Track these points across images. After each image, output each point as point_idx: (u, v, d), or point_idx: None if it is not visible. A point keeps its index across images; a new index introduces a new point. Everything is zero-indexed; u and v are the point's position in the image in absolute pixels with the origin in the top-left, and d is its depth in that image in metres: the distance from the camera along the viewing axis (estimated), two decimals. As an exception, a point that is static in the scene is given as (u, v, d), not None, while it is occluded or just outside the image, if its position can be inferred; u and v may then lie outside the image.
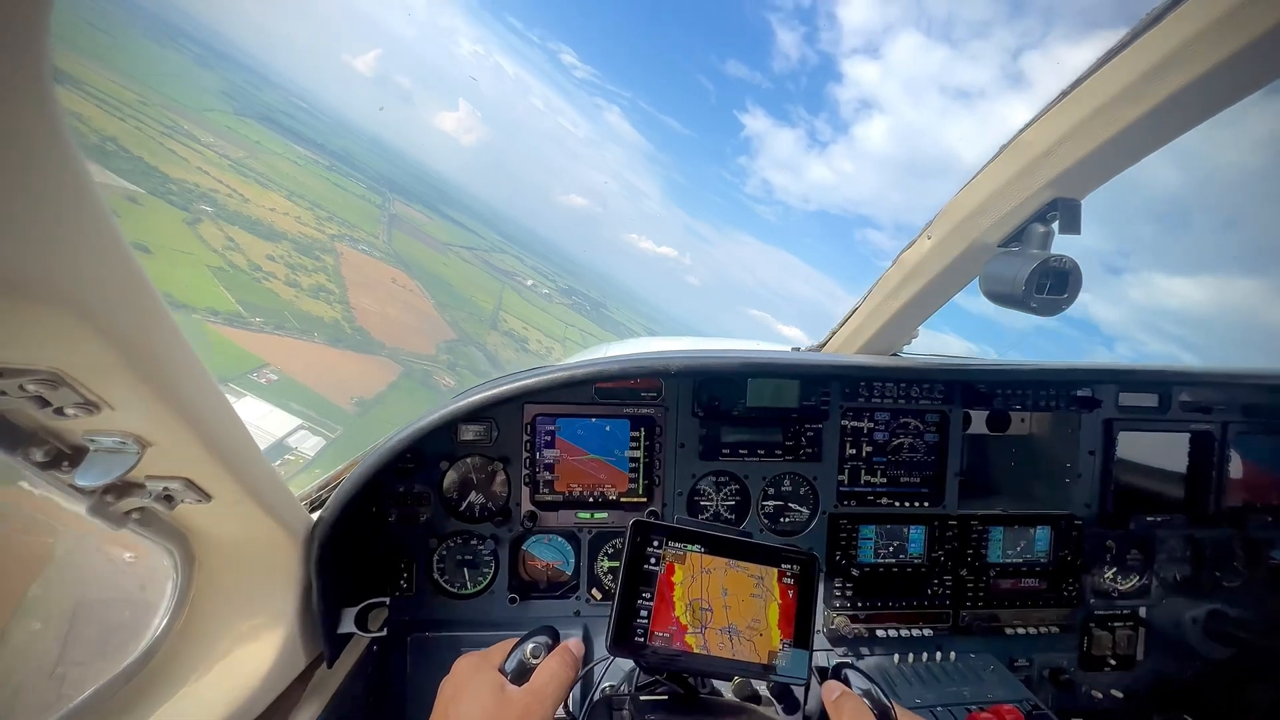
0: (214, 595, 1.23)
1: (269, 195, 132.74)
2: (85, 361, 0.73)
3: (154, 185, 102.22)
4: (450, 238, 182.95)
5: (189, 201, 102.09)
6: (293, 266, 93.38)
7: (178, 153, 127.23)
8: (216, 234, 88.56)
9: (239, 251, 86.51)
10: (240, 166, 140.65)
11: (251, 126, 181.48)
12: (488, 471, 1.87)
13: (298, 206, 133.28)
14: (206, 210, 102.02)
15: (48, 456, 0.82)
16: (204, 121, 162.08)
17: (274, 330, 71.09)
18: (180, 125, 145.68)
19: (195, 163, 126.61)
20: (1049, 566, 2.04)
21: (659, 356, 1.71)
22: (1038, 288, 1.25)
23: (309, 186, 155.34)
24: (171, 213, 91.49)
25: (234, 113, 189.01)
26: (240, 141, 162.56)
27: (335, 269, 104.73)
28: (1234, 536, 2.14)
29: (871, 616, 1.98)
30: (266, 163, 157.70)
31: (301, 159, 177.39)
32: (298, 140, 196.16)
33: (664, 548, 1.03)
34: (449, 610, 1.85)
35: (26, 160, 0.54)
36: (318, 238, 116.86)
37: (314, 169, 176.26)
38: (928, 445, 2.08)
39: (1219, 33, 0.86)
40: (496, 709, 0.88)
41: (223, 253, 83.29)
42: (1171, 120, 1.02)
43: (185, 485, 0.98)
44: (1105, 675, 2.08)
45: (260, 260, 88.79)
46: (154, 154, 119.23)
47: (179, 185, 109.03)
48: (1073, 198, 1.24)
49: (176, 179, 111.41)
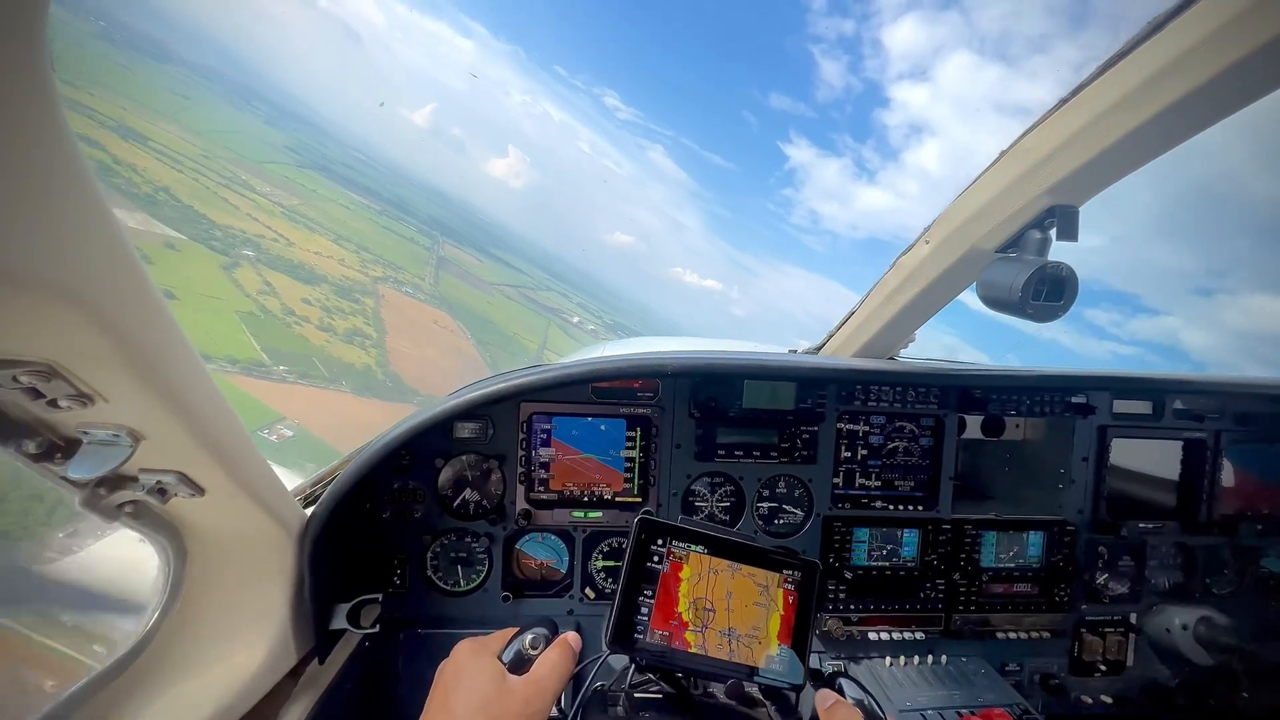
0: (206, 589, 1.23)
1: (316, 239, 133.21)
2: (79, 353, 0.72)
3: (198, 231, 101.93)
4: (497, 277, 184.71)
5: (231, 247, 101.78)
6: (329, 310, 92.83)
7: (231, 201, 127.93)
8: (253, 278, 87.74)
9: (274, 296, 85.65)
10: (292, 213, 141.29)
11: (310, 176, 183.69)
12: (483, 469, 1.87)
13: (343, 250, 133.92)
14: (248, 255, 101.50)
15: (40, 448, 0.82)
16: (264, 173, 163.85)
17: (298, 379, 69.39)
18: (239, 176, 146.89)
19: (246, 210, 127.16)
20: (1041, 571, 2.05)
21: (656, 357, 1.71)
22: (1034, 294, 1.26)
23: (358, 230, 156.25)
24: (210, 258, 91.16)
25: (295, 165, 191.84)
26: (296, 190, 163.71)
27: (375, 312, 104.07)
28: (1225, 544, 2.15)
29: (864, 619, 1.99)
30: (319, 209, 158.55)
31: (354, 205, 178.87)
32: (353, 188, 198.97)
33: (668, 546, 1.03)
34: (442, 607, 1.85)
35: (24, 152, 0.54)
36: (360, 280, 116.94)
37: (366, 214, 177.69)
38: (922, 449, 2.08)
39: (1219, 42, 0.87)
40: (496, 697, 0.87)
41: (256, 297, 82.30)
42: (1170, 129, 1.02)
43: (179, 479, 0.98)
44: (1096, 680, 2.09)
45: (295, 304, 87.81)
46: (206, 202, 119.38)
47: (224, 231, 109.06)
48: (1070, 205, 1.24)
49: (223, 225, 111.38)
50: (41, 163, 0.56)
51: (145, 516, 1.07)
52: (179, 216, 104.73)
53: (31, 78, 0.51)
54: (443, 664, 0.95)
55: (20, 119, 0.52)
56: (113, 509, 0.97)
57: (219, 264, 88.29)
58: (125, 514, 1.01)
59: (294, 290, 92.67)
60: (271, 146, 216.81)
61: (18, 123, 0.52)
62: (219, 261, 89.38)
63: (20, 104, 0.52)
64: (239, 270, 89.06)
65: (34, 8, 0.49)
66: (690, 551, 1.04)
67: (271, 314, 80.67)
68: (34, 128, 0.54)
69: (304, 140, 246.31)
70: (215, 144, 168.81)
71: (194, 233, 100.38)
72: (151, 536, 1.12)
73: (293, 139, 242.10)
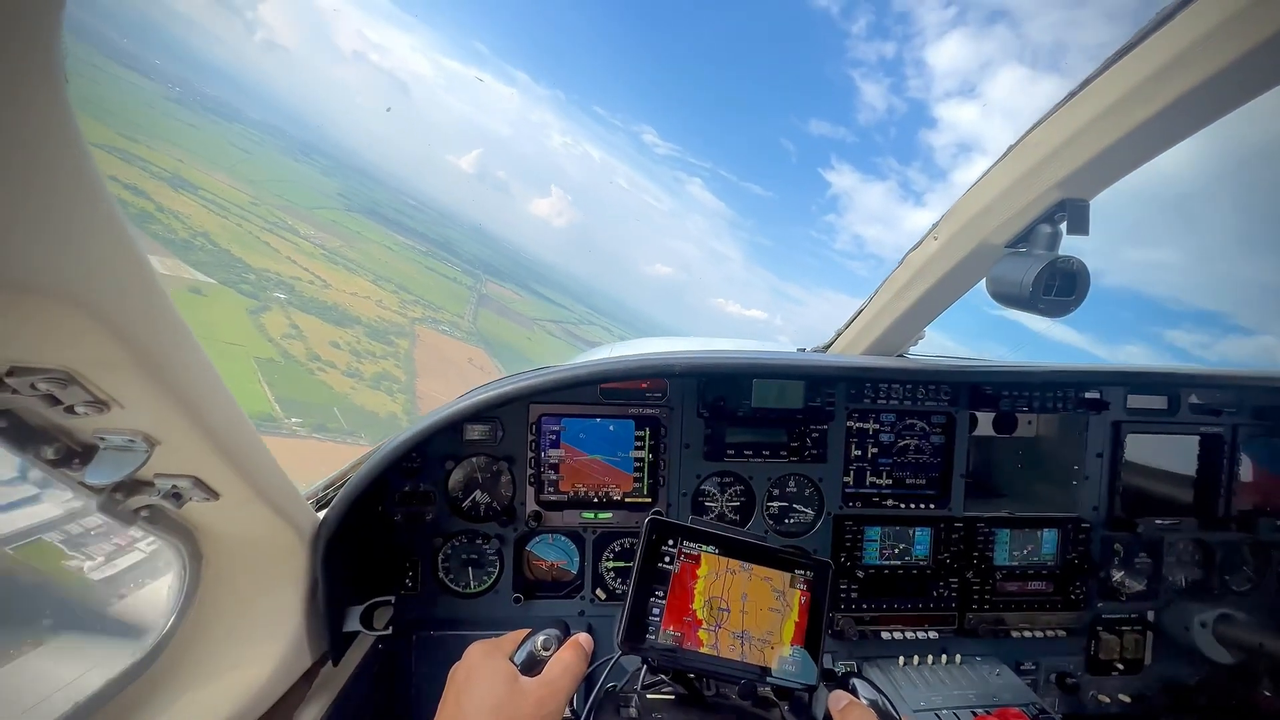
0: (221, 592, 1.24)
1: (355, 280, 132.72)
2: (95, 360, 0.73)
3: (230, 276, 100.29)
4: (538, 313, 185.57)
5: (262, 290, 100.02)
6: (358, 353, 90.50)
7: (272, 244, 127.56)
8: (280, 322, 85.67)
9: (300, 339, 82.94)
10: (333, 255, 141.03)
11: (357, 220, 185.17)
12: (493, 471, 1.88)
13: (382, 290, 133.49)
14: (279, 298, 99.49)
15: (58, 454, 0.83)
16: (311, 217, 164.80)
17: (311, 432, 65.59)
18: (285, 221, 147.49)
19: (286, 253, 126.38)
20: (1056, 569, 2.03)
21: (664, 357, 1.71)
22: (1045, 289, 1.25)
23: (400, 271, 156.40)
24: (238, 302, 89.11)
25: (344, 209, 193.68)
26: (341, 233, 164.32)
27: (408, 353, 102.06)
28: (1244, 540, 2.12)
29: (877, 619, 1.97)
30: (362, 250, 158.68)
31: (398, 246, 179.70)
32: (399, 230, 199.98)
33: (678, 546, 1.03)
34: (454, 609, 1.86)
35: (39, 162, 0.55)
36: (397, 321, 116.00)
37: (410, 255, 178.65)
38: (934, 447, 2.07)
39: (1228, 33, 0.86)
40: (509, 698, 0.87)
41: (279, 342, 79.72)
42: (1180, 121, 1.01)
43: (193, 483, 0.99)
44: (1113, 679, 2.07)
45: (322, 348, 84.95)
46: (245, 246, 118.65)
47: (259, 274, 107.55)
48: (1081, 198, 1.23)
49: (258, 268, 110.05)
50: (56, 174, 0.57)
51: (161, 521, 1.08)
52: (213, 261, 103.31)
53: (46, 89, 0.52)
54: (455, 666, 0.96)
55: (34, 130, 0.53)
56: (129, 513, 0.99)
57: (246, 308, 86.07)
58: (141, 518, 1.02)
59: (323, 333, 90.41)
60: (323, 193, 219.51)
61: (32, 134, 0.53)
62: (247, 305, 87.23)
63: (34, 115, 0.52)
64: (267, 314, 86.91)
65: (48, 19, 0.50)
66: (702, 551, 1.04)
67: (294, 360, 77.52)
68: (47, 139, 0.55)
69: (355, 187, 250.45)
70: (266, 191, 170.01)
71: (226, 277, 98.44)
72: (167, 540, 1.13)
73: (344, 186, 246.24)
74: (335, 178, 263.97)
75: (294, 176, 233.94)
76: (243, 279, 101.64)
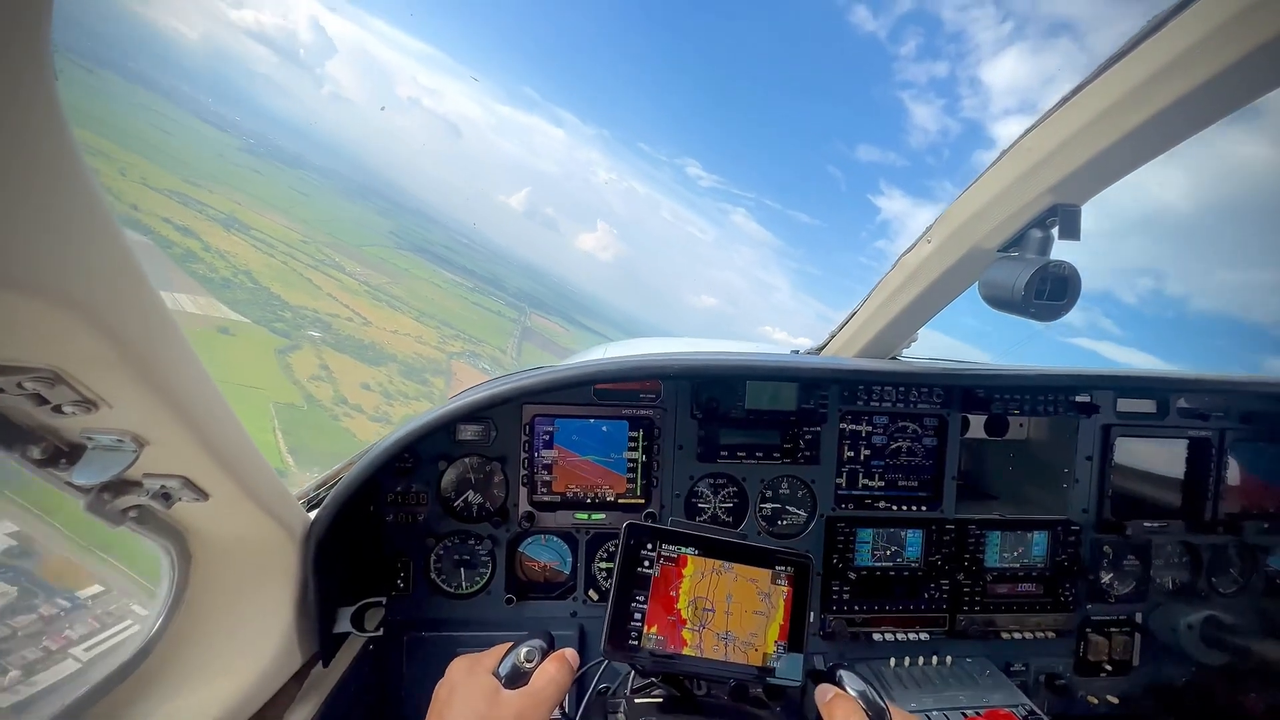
0: (210, 593, 1.23)
1: (397, 318, 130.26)
2: (83, 359, 0.73)
3: (264, 314, 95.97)
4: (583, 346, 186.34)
5: (297, 328, 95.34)
6: (389, 394, 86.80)
7: (314, 281, 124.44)
8: (310, 362, 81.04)
9: (328, 381, 78.17)
10: (376, 291, 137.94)
11: (407, 258, 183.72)
12: (485, 472, 1.87)
13: (424, 326, 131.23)
14: (314, 336, 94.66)
15: (45, 454, 0.82)
16: (359, 255, 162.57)
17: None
18: (332, 258, 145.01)
19: (329, 290, 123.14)
20: (1046, 571, 2.04)
21: (658, 358, 1.71)
22: (1037, 293, 1.25)
23: (445, 307, 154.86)
24: (268, 342, 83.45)
25: (394, 247, 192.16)
26: (388, 270, 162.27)
27: (443, 393, 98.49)
28: (1231, 543, 2.14)
29: (868, 620, 1.98)
30: (407, 287, 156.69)
31: (445, 282, 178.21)
32: (448, 267, 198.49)
33: (658, 550, 1.04)
34: (446, 610, 1.85)
35: (28, 159, 0.54)
36: (435, 358, 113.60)
37: (456, 290, 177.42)
38: (926, 449, 2.08)
39: (1220, 39, 0.87)
40: (489, 712, 0.87)
41: (305, 384, 74.56)
42: (1172, 127, 1.02)
43: (183, 483, 0.98)
44: (1101, 680, 2.08)
45: (350, 391, 79.98)
46: (287, 284, 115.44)
47: (295, 312, 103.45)
48: (1073, 204, 1.24)
49: (296, 305, 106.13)
50: (45, 171, 0.56)
51: (150, 521, 1.07)
52: (250, 299, 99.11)
53: (34, 86, 0.52)
54: (439, 684, 0.95)
55: (23, 128, 0.52)
56: (117, 514, 0.98)
57: (275, 347, 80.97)
58: (130, 519, 1.01)
59: (355, 374, 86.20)
60: (375, 232, 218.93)
61: (21, 132, 0.52)
62: (276, 345, 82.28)
63: (23, 113, 0.52)
64: (296, 354, 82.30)
65: (35, 18, 0.49)
66: (681, 553, 1.04)
67: (318, 404, 72.60)
68: (37, 137, 0.54)
69: (408, 226, 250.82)
70: (318, 231, 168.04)
71: (260, 315, 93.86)
72: (156, 541, 1.12)
73: (398, 225, 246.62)
74: (390, 217, 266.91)
75: (348, 216, 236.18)
76: (278, 316, 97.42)
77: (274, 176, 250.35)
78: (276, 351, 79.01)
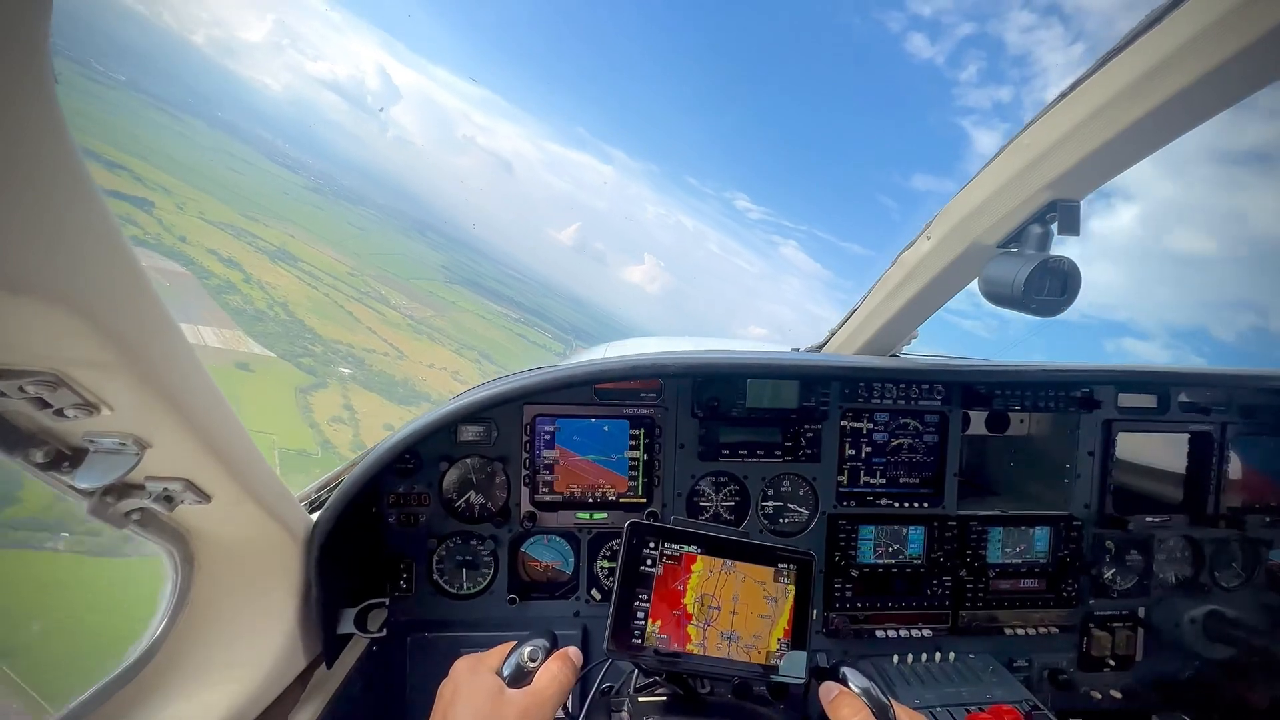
0: (213, 596, 1.23)
1: (435, 350, 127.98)
2: (84, 363, 0.73)
3: (293, 349, 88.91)
4: None
5: (327, 364, 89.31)
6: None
7: (355, 314, 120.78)
8: (333, 402, 75.76)
9: (348, 425, 72.15)
10: (418, 325, 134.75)
11: (455, 291, 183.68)
12: (487, 472, 1.87)
13: (463, 359, 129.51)
14: (344, 373, 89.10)
15: (48, 458, 0.82)
16: (407, 288, 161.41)
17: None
18: (378, 290, 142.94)
19: (368, 323, 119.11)
20: (1048, 567, 2.04)
21: (658, 357, 1.71)
22: (1036, 289, 1.26)
23: (486, 338, 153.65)
24: (291, 380, 77.19)
25: (443, 281, 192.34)
26: (434, 302, 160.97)
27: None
28: (1233, 537, 2.14)
29: (871, 617, 1.98)
30: (451, 319, 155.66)
31: (491, 314, 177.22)
32: (496, 299, 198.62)
33: (660, 549, 1.04)
34: (448, 611, 1.86)
35: (29, 162, 0.54)
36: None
37: (501, 322, 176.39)
38: (927, 446, 2.08)
39: (1217, 34, 0.87)
40: (493, 711, 0.87)
41: (322, 427, 69.29)
42: (1170, 122, 1.02)
43: (185, 486, 0.98)
44: (1104, 675, 2.08)
45: (371, 434, 72.65)
46: (324, 316, 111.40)
47: (327, 346, 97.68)
48: (1072, 199, 1.24)
49: (329, 340, 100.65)
50: (45, 174, 0.56)
51: (152, 524, 1.07)
52: (282, 332, 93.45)
53: (34, 88, 0.52)
54: (443, 683, 0.96)
55: (22, 130, 0.52)
56: (120, 517, 0.98)
57: (297, 385, 74.89)
58: (132, 521, 1.01)
59: (381, 414, 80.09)
60: (426, 265, 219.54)
61: (20, 134, 0.52)
62: (300, 383, 75.89)
63: (22, 114, 0.52)
64: (320, 392, 76.93)
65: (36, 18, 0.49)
66: (684, 551, 1.04)
67: (333, 449, 66.64)
68: (37, 139, 0.54)
69: (461, 260, 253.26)
70: (368, 264, 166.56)
71: (288, 350, 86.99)
72: (159, 544, 1.12)
73: (450, 259, 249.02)
74: (443, 252, 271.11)
75: (403, 251, 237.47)
76: (307, 351, 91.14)
77: (334, 212, 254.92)
78: (298, 390, 73.92)
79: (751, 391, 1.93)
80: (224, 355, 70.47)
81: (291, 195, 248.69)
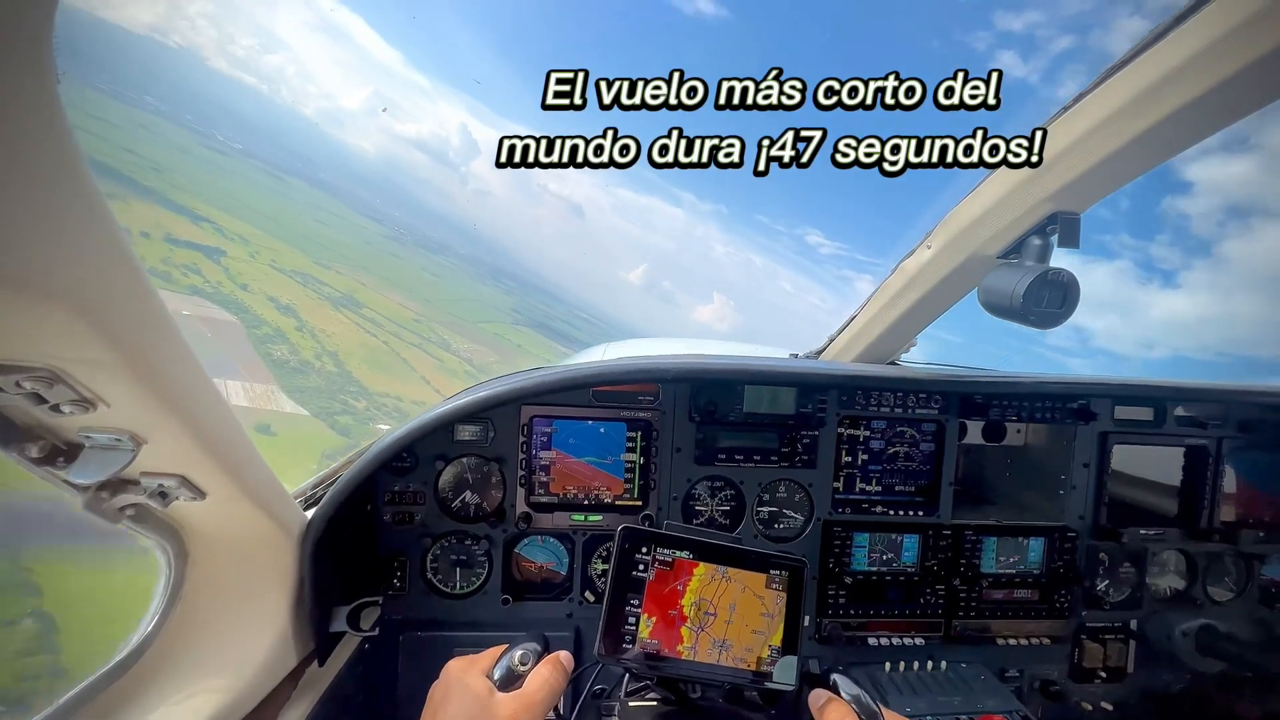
0: (206, 592, 1.23)
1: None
2: (81, 359, 0.73)
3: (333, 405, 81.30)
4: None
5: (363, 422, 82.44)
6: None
7: (410, 361, 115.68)
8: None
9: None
10: (478, 370, 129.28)
11: (522, 333, 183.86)
12: (483, 472, 1.87)
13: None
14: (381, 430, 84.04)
15: (43, 453, 0.82)
16: (471, 331, 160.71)
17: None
18: (440, 335, 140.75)
19: (422, 371, 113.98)
20: (1042, 578, 2.04)
21: (657, 361, 1.71)
22: (1036, 300, 1.26)
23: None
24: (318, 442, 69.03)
25: (511, 323, 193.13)
26: (498, 345, 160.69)
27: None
28: (1227, 551, 2.14)
29: (864, 624, 1.98)
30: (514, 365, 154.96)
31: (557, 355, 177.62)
32: (562, 340, 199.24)
33: (653, 554, 1.04)
34: (442, 610, 1.85)
35: (28, 159, 0.54)
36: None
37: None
38: (923, 454, 2.08)
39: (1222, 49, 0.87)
40: (482, 714, 0.88)
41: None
42: (1171, 136, 1.03)
43: (180, 482, 0.98)
44: (1096, 687, 2.09)
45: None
46: (376, 365, 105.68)
47: (371, 401, 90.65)
48: (1072, 212, 1.24)
49: (376, 392, 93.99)
50: (43, 170, 0.56)
51: (147, 520, 1.07)
52: (324, 386, 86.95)
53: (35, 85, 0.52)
54: (434, 685, 0.96)
55: (22, 126, 0.52)
56: (115, 512, 0.98)
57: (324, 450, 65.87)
58: (127, 517, 1.01)
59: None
60: (495, 309, 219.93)
61: (20, 130, 0.52)
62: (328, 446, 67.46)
63: (24, 112, 0.52)
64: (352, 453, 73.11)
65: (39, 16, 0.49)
66: (677, 557, 1.05)
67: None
68: (38, 138, 0.54)
69: (529, 303, 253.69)
70: (437, 310, 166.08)
71: (324, 407, 79.20)
72: (153, 539, 1.12)
73: (519, 301, 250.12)
74: (514, 295, 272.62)
75: (475, 296, 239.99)
76: (347, 409, 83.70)
77: (411, 260, 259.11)
78: (324, 455, 65.14)
79: (749, 397, 1.93)
80: (253, 413, 64.54)
81: (373, 245, 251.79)
